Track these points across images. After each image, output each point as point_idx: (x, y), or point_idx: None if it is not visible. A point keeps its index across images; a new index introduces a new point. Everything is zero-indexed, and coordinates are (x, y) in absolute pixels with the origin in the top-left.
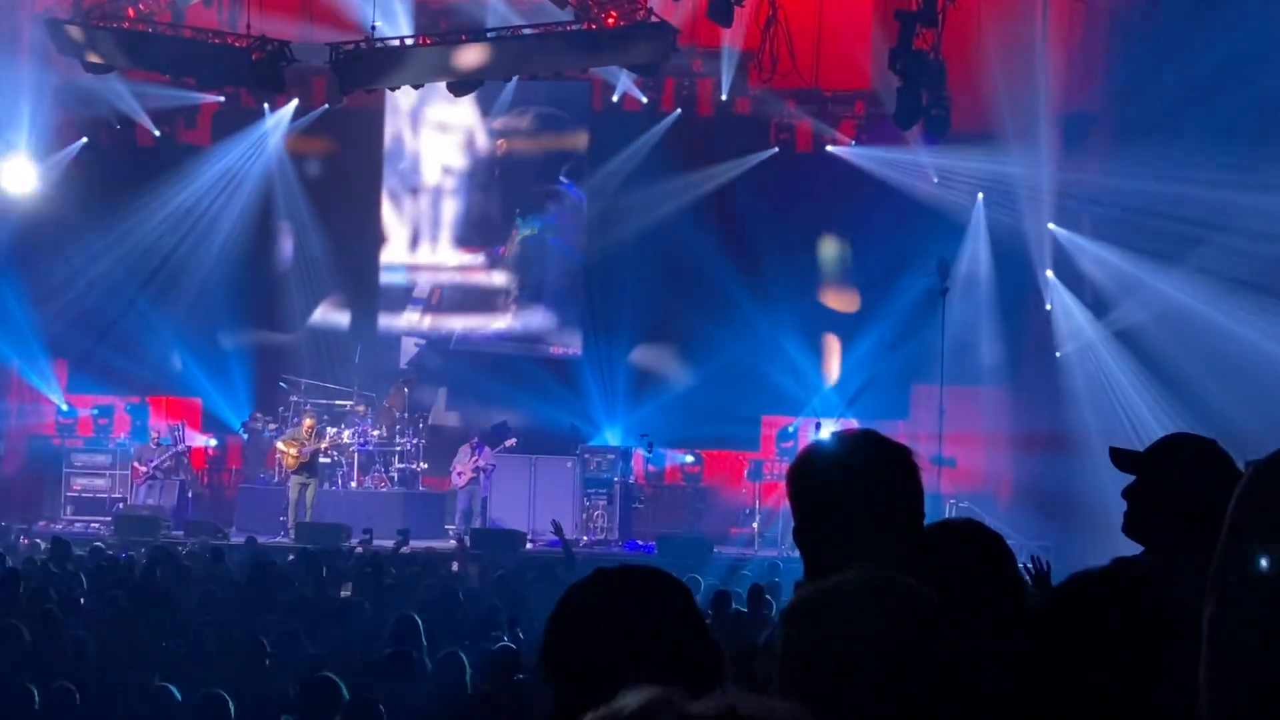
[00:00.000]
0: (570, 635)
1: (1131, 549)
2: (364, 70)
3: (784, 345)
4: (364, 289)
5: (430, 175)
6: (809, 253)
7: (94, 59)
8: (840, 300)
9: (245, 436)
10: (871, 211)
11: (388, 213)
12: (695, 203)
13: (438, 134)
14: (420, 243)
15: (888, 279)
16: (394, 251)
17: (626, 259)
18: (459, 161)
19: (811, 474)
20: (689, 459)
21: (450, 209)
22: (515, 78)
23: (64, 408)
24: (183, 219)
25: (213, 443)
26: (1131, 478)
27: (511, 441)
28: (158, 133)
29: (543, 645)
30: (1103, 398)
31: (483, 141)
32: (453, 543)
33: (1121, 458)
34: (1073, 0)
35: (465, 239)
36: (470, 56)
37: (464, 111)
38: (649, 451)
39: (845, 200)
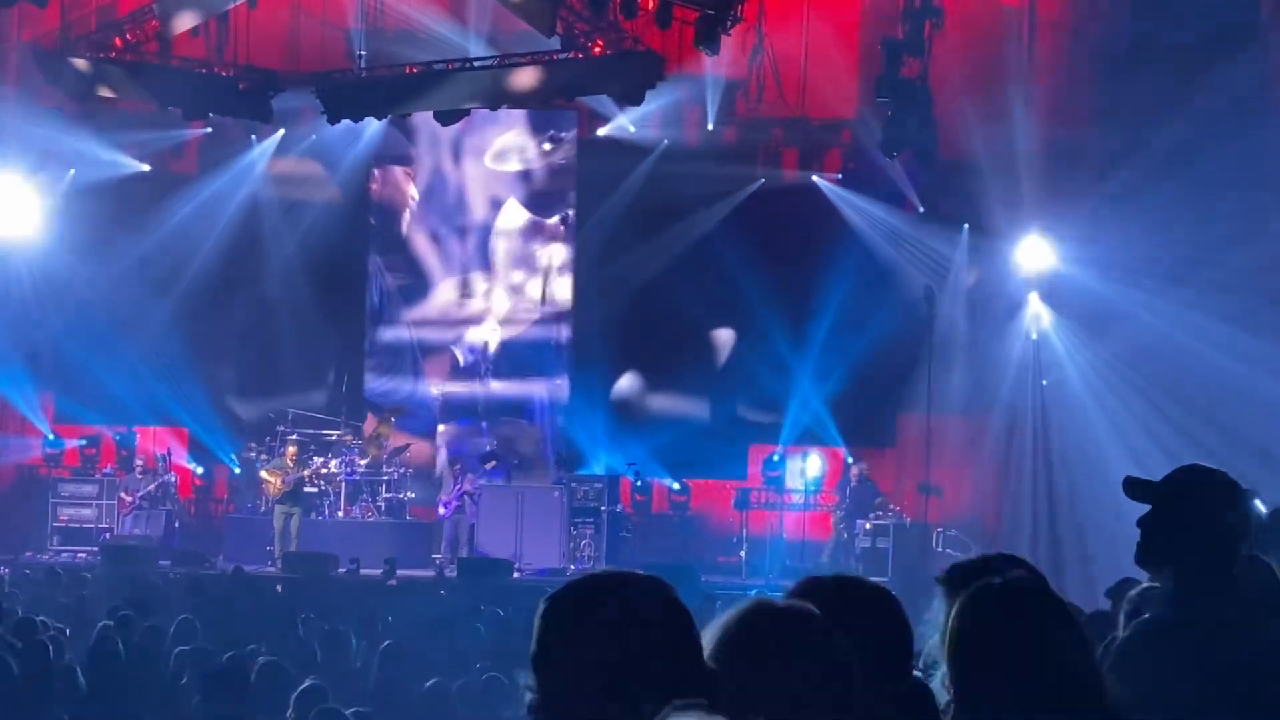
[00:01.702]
0: (564, 628)
1: (1109, 575)
2: (351, 100)
3: (769, 373)
4: (350, 320)
5: (478, 210)
6: (793, 281)
7: (82, 88)
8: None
9: (238, 470)
10: (857, 240)
11: (429, 258)
12: (682, 232)
13: (490, 163)
14: (472, 289)
15: (874, 308)
16: (437, 302)
17: (613, 289)
18: (513, 194)
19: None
20: (675, 486)
21: (504, 248)
22: (503, 107)
23: (50, 437)
24: (170, 251)
25: (199, 470)
26: (1145, 507)
27: (491, 464)
28: (146, 167)
29: (536, 639)
30: (1088, 426)
31: (540, 168)
32: (434, 572)
33: (1136, 487)
34: (1056, 29)
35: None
36: (457, 85)
37: (512, 135)
38: (636, 480)
39: (831, 229)
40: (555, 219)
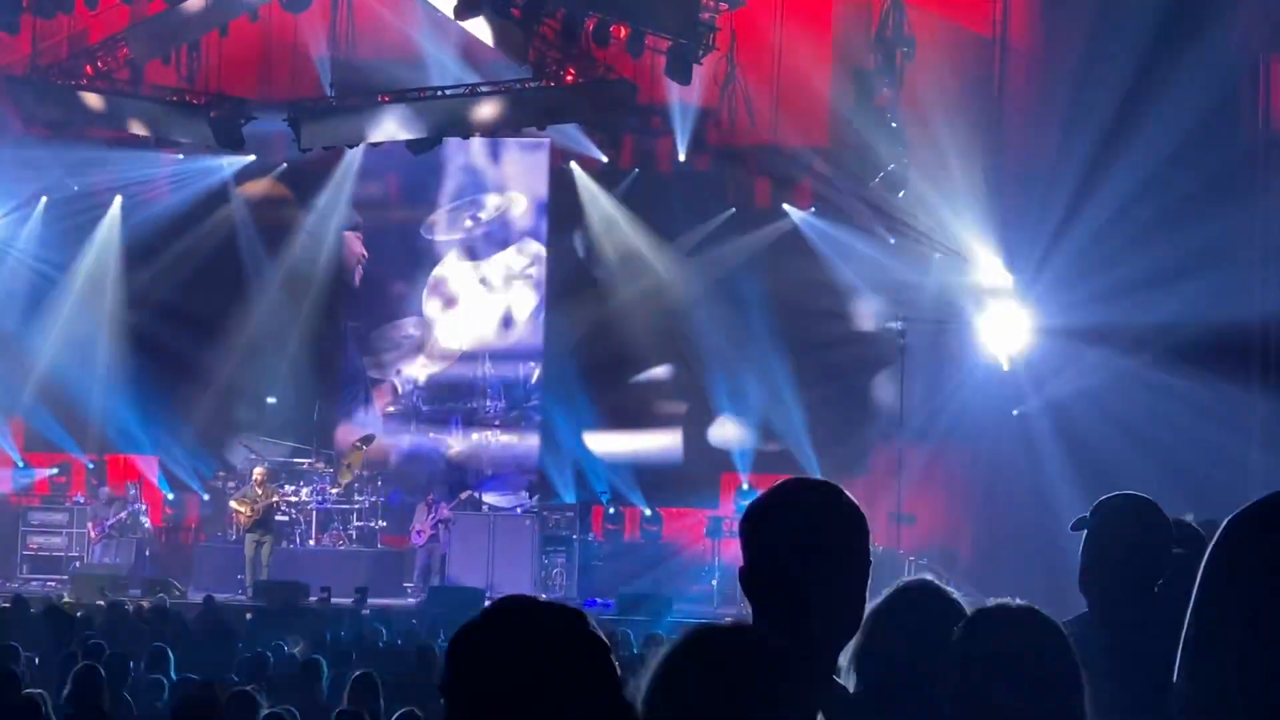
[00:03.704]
0: (473, 669)
1: (1079, 606)
2: (323, 127)
3: (743, 402)
4: (325, 352)
5: (521, 221)
6: (764, 310)
7: (55, 115)
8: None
9: (207, 498)
10: (829, 270)
11: (398, 294)
12: (654, 261)
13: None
14: (440, 324)
15: (845, 337)
16: (406, 337)
17: (584, 318)
18: (485, 226)
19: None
20: (648, 513)
21: (474, 280)
22: (474, 135)
23: (20, 465)
24: (143, 276)
25: (171, 496)
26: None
27: (466, 494)
28: (118, 198)
29: (444, 676)
30: (1060, 456)
31: (511, 201)
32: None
33: (1077, 518)
34: (1028, 58)
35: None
36: (429, 114)
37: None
38: (609, 508)
39: (802, 258)
40: (528, 248)
